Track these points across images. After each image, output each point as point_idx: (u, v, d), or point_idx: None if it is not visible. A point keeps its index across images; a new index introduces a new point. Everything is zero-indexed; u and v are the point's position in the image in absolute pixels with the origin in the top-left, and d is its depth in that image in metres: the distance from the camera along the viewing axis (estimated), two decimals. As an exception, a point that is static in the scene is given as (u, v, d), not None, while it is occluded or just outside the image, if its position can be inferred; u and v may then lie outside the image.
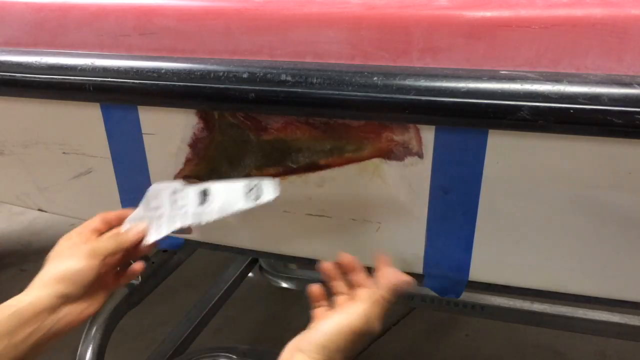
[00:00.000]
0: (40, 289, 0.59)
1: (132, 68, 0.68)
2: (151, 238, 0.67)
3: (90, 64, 0.69)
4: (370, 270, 0.69)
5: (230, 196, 0.65)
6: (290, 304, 1.67)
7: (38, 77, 0.72)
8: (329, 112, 0.66)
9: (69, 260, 0.61)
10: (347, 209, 0.74)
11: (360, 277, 0.66)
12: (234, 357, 0.99)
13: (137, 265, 0.71)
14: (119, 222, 0.68)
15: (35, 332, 0.57)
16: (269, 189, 0.64)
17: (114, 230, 0.66)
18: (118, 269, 0.69)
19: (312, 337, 0.58)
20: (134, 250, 0.68)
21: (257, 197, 0.64)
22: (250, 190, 0.64)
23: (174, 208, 0.67)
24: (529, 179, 0.63)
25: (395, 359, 1.51)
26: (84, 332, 0.98)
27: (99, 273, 0.62)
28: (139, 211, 0.68)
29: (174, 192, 0.68)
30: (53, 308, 0.59)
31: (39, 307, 0.58)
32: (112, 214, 0.68)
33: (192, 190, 0.67)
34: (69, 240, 0.64)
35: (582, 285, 0.69)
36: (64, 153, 0.83)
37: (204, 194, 0.66)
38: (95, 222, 0.67)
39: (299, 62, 0.64)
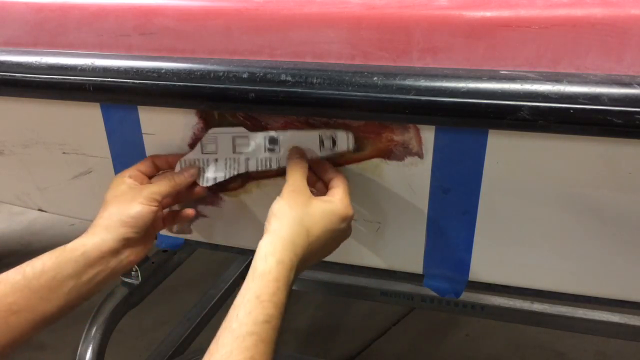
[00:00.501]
0: (105, 233, 0.62)
1: (132, 68, 0.68)
2: (209, 180, 0.67)
3: (90, 64, 0.69)
4: (370, 270, 0.69)
5: (301, 144, 0.65)
6: (290, 304, 1.67)
7: (38, 77, 0.72)
8: (329, 112, 0.66)
9: (130, 205, 0.64)
10: (347, 209, 0.74)
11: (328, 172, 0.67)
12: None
13: (189, 211, 0.73)
14: (169, 165, 0.70)
15: (100, 273, 0.61)
16: (343, 140, 0.63)
17: (167, 174, 0.68)
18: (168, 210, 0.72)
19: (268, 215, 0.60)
20: (187, 193, 0.70)
21: (331, 148, 0.64)
22: (323, 140, 0.64)
23: (237, 152, 0.67)
24: (529, 179, 0.63)
25: (395, 359, 1.51)
26: (84, 332, 0.98)
27: (156, 215, 0.65)
28: (193, 153, 0.68)
29: (236, 137, 0.67)
30: (117, 250, 0.63)
31: (104, 250, 0.61)
32: (162, 157, 0.70)
33: (259, 136, 0.66)
34: (122, 184, 0.66)
35: (582, 285, 0.69)
36: (64, 153, 0.83)
37: (272, 141, 0.66)
38: (146, 164, 0.69)
39: (299, 62, 0.64)
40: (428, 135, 0.64)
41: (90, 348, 0.99)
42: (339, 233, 0.62)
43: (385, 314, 1.65)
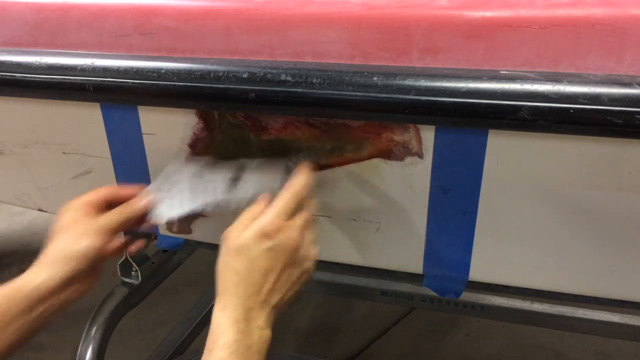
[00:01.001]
0: (52, 268, 0.61)
1: (132, 68, 0.68)
2: (167, 214, 0.64)
3: (90, 64, 0.69)
4: (370, 270, 0.69)
5: (264, 180, 0.61)
6: (290, 304, 1.67)
7: (38, 77, 0.72)
8: (329, 112, 0.66)
9: (79, 239, 0.62)
10: (347, 209, 0.74)
11: None
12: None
13: (140, 243, 0.71)
14: (126, 195, 0.67)
15: (50, 308, 0.60)
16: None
17: (121, 206, 0.65)
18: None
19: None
20: (139, 223, 0.68)
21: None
22: (287, 175, 0.60)
23: (198, 186, 0.63)
24: (529, 179, 0.63)
25: (395, 359, 1.51)
26: (84, 332, 0.98)
27: (106, 246, 0.63)
28: (153, 185, 0.65)
29: (199, 170, 0.64)
30: (66, 285, 0.61)
31: (53, 286, 0.60)
32: (118, 189, 0.68)
33: (222, 171, 0.63)
34: (72, 213, 0.64)
35: (582, 285, 0.69)
36: (64, 153, 0.83)
37: (233, 179, 0.63)
38: (100, 194, 0.66)
39: (299, 62, 0.64)
40: (428, 135, 0.64)
41: (90, 348, 0.99)
42: (265, 253, 0.56)
43: (385, 314, 1.65)
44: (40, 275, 0.60)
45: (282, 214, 0.57)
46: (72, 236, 0.62)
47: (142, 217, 0.67)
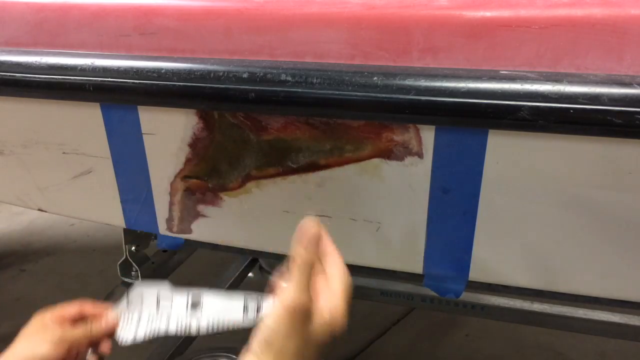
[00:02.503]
0: None
1: (132, 68, 0.68)
2: (128, 336, 0.66)
3: (90, 64, 0.69)
4: (370, 270, 0.69)
5: (224, 310, 0.61)
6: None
7: (38, 77, 0.72)
8: (329, 112, 0.66)
9: (39, 344, 0.62)
10: (347, 209, 0.74)
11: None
12: (234, 357, 1.00)
13: (104, 350, 0.70)
14: (96, 313, 0.68)
15: None
16: (269, 308, 0.56)
17: (87, 323, 0.66)
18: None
19: (259, 333, 0.51)
20: (101, 341, 0.68)
21: (255, 317, 0.58)
22: (248, 308, 0.59)
23: (158, 311, 0.65)
24: (529, 179, 0.63)
25: (395, 359, 1.51)
26: (84, 332, 0.97)
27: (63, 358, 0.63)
28: (119, 307, 0.67)
29: (160, 294, 0.65)
30: None
31: None
32: (91, 306, 0.68)
33: (181, 297, 0.64)
34: (42, 320, 0.65)
35: (582, 285, 0.69)
36: (64, 153, 0.83)
37: (194, 304, 0.63)
38: (72, 309, 0.67)
39: (299, 62, 0.64)
40: (428, 135, 0.64)
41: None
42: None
43: (385, 314, 1.65)
44: None
45: None
46: (33, 341, 0.63)
47: (106, 337, 0.67)
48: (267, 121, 0.69)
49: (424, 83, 0.58)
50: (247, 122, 0.70)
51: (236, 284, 1.48)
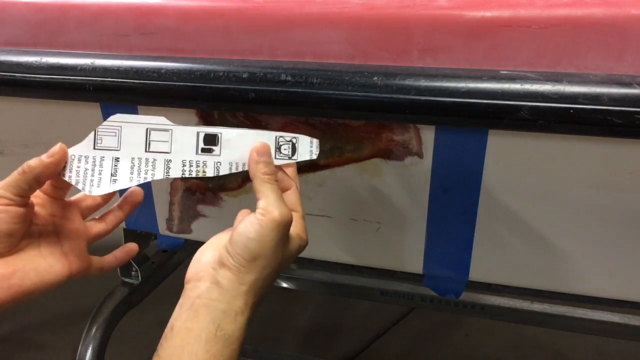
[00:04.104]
0: None
1: (132, 68, 0.68)
2: (101, 188, 0.51)
3: (90, 64, 0.69)
4: (370, 270, 0.69)
5: (249, 147, 0.50)
6: (290, 304, 1.67)
7: (38, 77, 0.72)
8: (329, 112, 0.66)
9: None
10: (347, 209, 0.74)
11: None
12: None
13: (130, 246, 0.64)
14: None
15: None
16: (305, 147, 0.51)
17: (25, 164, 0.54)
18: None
19: (240, 247, 0.50)
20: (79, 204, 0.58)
21: (289, 155, 0.51)
22: (280, 145, 0.51)
23: (151, 151, 0.51)
24: (529, 179, 0.63)
25: (395, 359, 1.51)
26: (84, 332, 0.98)
27: (24, 216, 0.52)
28: (79, 148, 0.52)
29: (152, 130, 0.50)
30: None
31: None
32: (37, 161, 0.54)
33: (188, 131, 0.50)
34: None
35: (582, 285, 0.69)
36: (64, 153, 0.83)
37: (209, 141, 0.50)
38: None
39: (299, 62, 0.64)
40: (428, 135, 0.64)
41: (90, 348, 0.99)
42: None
43: (385, 314, 1.65)
44: None
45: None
46: None
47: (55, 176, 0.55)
48: (267, 121, 0.69)
49: (424, 83, 0.58)
50: (247, 122, 0.70)
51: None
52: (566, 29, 0.56)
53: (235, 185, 0.76)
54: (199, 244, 0.88)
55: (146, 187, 0.82)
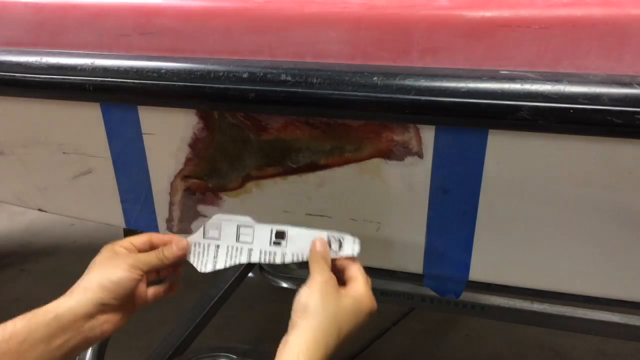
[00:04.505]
0: (82, 295, 0.59)
1: (132, 68, 0.68)
2: (207, 266, 0.67)
3: (90, 64, 0.69)
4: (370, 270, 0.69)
5: (307, 243, 0.64)
6: (290, 304, 1.66)
7: (38, 77, 0.72)
8: (329, 112, 0.66)
9: (113, 270, 0.61)
10: (347, 209, 0.74)
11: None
12: (234, 357, 1.00)
13: (176, 287, 0.71)
14: (164, 244, 0.67)
15: (72, 338, 0.58)
16: (349, 245, 0.63)
17: (157, 250, 0.66)
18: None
19: (296, 306, 0.60)
20: (174, 270, 0.68)
21: (337, 251, 0.63)
22: (331, 242, 0.63)
23: (240, 241, 0.66)
24: (529, 179, 0.63)
25: (395, 359, 1.51)
26: (84, 332, 0.97)
27: (138, 286, 0.63)
28: (195, 236, 0.68)
29: (241, 226, 0.67)
30: (91, 315, 0.59)
31: (78, 313, 0.58)
32: (160, 236, 0.68)
33: (265, 229, 0.66)
34: (112, 251, 0.64)
35: (582, 285, 0.69)
36: (64, 153, 0.83)
37: (279, 235, 0.65)
38: (142, 239, 0.67)
39: (299, 62, 0.64)
40: (428, 135, 0.64)
41: (90, 348, 0.99)
42: (363, 326, 0.60)
43: (385, 314, 1.65)
44: (66, 302, 0.58)
45: None
46: (106, 268, 0.62)
47: (174, 265, 0.67)
48: (267, 121, 0.69)
49: (424, 83, 0.58)
50: (247, 122, 0.70)
51: (236, 284, 1.48)
52: (566, 29, 0.56)
53: (235, 185, 0.76)
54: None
55: (146, 187, 0.82)
